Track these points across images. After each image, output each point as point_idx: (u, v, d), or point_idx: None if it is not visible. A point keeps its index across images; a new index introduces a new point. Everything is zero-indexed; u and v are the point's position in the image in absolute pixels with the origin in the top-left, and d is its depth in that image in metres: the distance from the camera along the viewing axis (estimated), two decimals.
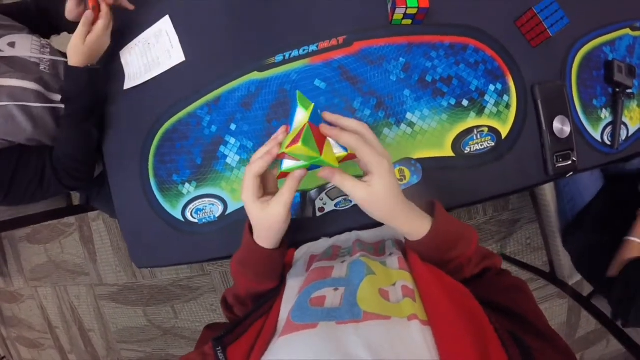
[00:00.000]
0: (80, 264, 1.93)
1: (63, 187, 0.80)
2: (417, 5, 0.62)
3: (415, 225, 0.45)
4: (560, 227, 0.97)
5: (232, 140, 0.70)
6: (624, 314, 0.76)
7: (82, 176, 0.81)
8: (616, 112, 0.67)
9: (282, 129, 0.45)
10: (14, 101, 0.73)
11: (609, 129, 0.68)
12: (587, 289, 1.01)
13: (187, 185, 0.72)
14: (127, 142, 0.78)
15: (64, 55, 0.88)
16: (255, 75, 0.69)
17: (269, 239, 0.48)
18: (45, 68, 0.81)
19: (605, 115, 0.68)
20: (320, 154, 0.40)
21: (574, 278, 1.02)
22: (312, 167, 0.45)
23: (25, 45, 0.79)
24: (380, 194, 0.41)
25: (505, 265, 1.21)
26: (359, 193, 0.41)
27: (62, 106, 0.76)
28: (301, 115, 0.43)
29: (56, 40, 0.92)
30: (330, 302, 0.36)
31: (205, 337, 0.50)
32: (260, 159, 0.44)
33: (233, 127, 0.70)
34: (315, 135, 0.41)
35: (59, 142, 0.78)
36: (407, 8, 0.62)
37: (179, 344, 1.85)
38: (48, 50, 0.84)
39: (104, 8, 0.69)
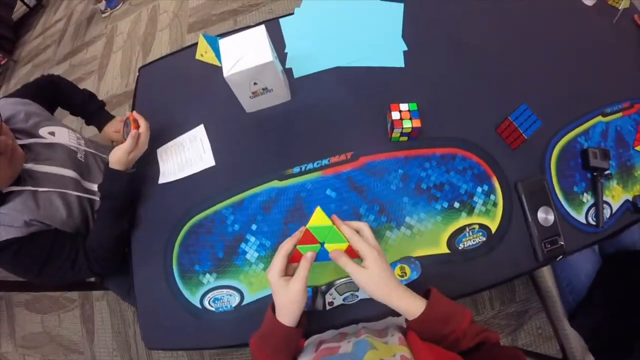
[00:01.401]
0: (76, 341, 1.86)
1: (92, 273, 0.85)
2: (411, 125, 0.76)
3: (410, 303, 0.53)
4: (565, 311, 0.98)
5: (252, 239, 0.78)
6: None
7: (111, 265, 0.86)
8: (597, 194, 0.72)
9: (301, 229, 0.58)
10: (55, 187, 0.81)
11: (592, 210, 0.74)
12: None
13: (207, 275, 0.79)
14: (156, 230, 0.85)
15: (95, 146, 1.01)
16: (276, 184, 0.81)
17: (289, 315, 0.55)
18: (81, 157, 0.92)
19: (587, 198, 0.74)
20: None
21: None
22: (320, 257, 0.59)
23: (63, 135, 0.90)
24: (374, 275, 0.53)
25: None
26: (357, 274, 0.54)
27: (95, 198, 0.84)
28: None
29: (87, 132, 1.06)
30: None
31: None
32: (289, 241, 0.57)
33: (254, 227, 0.79)
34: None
35: (94, 232, 0.84)
36: (403, 128, 0.76)
37: None
38: (82, 141, 0.96)
39: (144, 124, 0.82)
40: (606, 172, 0.74)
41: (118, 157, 0.80)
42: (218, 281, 0.78)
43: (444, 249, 0.74)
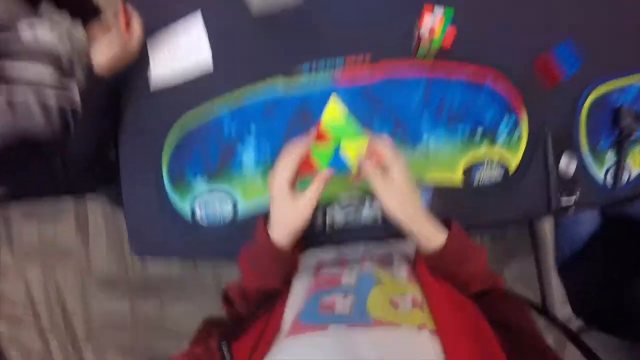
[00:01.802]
0: (72, 247, 1.89)
1: (72, 185, 0.81)
2: (440, 42, 0.66)
3: (432, 232, 0.47)
4: (558, 260, 0.98)
5: (250, 142, 0.71)
6: None
7: (91, 177, 0.81)
8: (620, 155, 0.70)
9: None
10: (32, 85, 0.73)
11: (612, 171, 0.70)
12: (575, 324, 1.02)
13: (198, 178, 0.73)
14: (145, 131, 0.78)
15: (79, 43, 0.89)
16: (281, 81, 0.71)
17: (287, 235, 0.48)
18: (62, 54, 0.81)
19: (610, 157, 0.71)
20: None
21: (563, 312, 1.03)
22: (332, 163, 0.53)
23: (44, 30, 0.79)
24: (400, 189, 0.46)
25: None
26: (381, 185, 0.47)
27: (76, 98, 0.76)
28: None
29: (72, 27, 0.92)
30: (340, 309, 0.37)
31: (205, 330, 0.50)
32: (300, 143, 0.49)
33: (253, 128, 0.71)
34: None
35: (73, 141, 0.77)
36: (433, 37, 0.65)
37: (161, 337, 1.82)
38: (65, 37, 0.84)
39: (136, 21, 0.70)
40: (633, 137, 0.70)
41: (99, 58, 0.69)
42: (210, 186, 0.73)
43: (459, 178, 0.70)
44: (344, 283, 0.42)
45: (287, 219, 0.48)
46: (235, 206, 0.72)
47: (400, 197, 0.47)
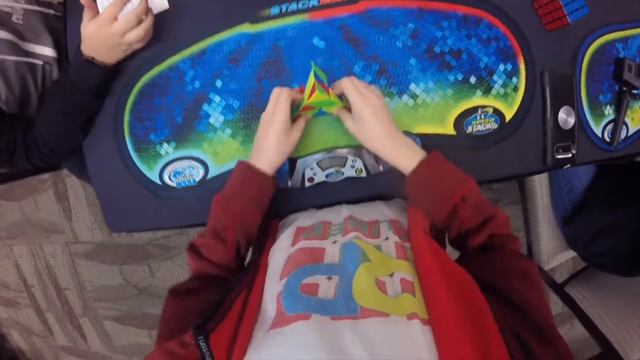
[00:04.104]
0: (55, 221, 1.86)
1: (31, 166, 0.72)
2: None
3: (409, 153, 0.50)
4: (558, 211, 0.96)
5: (217, 99, 0.63)
6: None
7: (54, 161, 0.72)
8: (620, 110, 0.66)
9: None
10: None
11: (610, 127, 0.68)
12: (558, 275, 1.03)
13: (165, 145, 0.66)
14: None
15: (42, 4, 0.77)
16: (247, 28, 0.62)
17: (273, 161, 0.53)
18: (18, 19, 0.70)
19: (609, 112, 0.67)
20: (329, 97, 0.53)
21: (550, 264, 1.04)
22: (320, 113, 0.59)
23: None
24: (366, 119, 0.50)
25: None
26: (348, 119, 0.54)
27: (37, 61, 0.66)
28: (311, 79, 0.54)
29: None
30: (324, 293, 0.34)
31: (171, 306, 0.46)
32: (293, 93, 0.54)
33: (219, 84, 0.63)
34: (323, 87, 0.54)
35: (38, 122, 0.68)
36: None
37: (155, 302, 1.84)
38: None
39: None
40: (634, 91, 0.66)
41: (100, 38, 0.56)
42: (178, 152, 0.66)
43: (450, 130, 0.64)
44: (327, 261, 0.40)
45: (283, 145, 0.53)
46: (206, 172, 0.66)
47: (369, 126, 0.50)
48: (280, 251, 0.45)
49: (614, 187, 0.87)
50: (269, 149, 0.53)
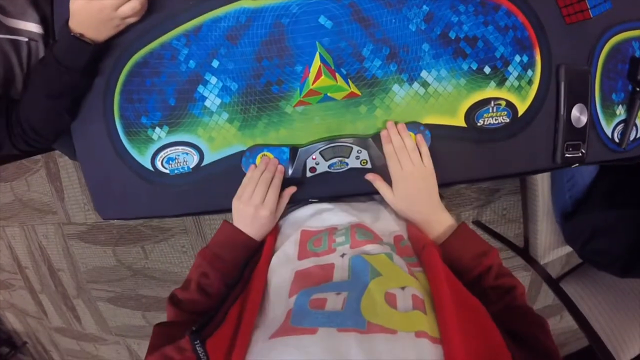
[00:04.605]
0: (48, 202, 1.84)
1: (17, 150, 0.68)
2: None
3: (439, 228, 0.52)
4: (558, 206, 0.96)
5: (213, 80, 0.59)
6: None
7: (39, 145, 0.68)
8: (631, 111, 0.64)
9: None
10: None
11: (620, 127, 0.66)
12: (551, 268, 1.05)
13: (157, 129, 0.62)
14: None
15: None
16: (247, 3, 0.57)
17: (259, 234, 0.55)
18: None
19: (620, 111, 0.65)
20: (336, 82, 0.52)
21: (546, 258, 1.05)
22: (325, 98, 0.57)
23: None
24: (402, 198, 0.54)
25: (479, 233, 1.21)
26: (386, 194, 0.56)
27: (23, 38, 0.61)
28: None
29: None
30: (332, 306, 0.34)
31: (159, 334, 0.44)
32: (277, 177, 0.57)
33: (215, 63, 0.59)
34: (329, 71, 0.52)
35: (22, 103, 0.64)
36: None
37: (149, 284, 1.84)
38: None
39: None
40: None
41: (90, 13, 0.52)
42: (171, 136, 0.62)
43: (460, 122, 0.60)
44: (336, 279, 0.39)
45: (263, 229, 0.55)
46: (201, 158, 0.63)
47: (404, 204, 0.54)
48: (287, 261, 0.44)
49: (616, 186, 0.86)
50: (254, 231, 0.55)
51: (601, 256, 0.88)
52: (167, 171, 0.64)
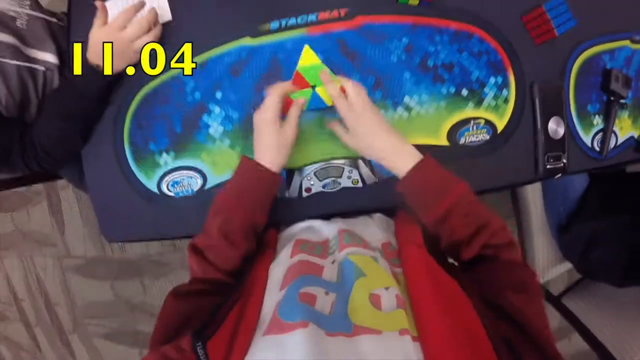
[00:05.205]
0: (48, 234, 1.83)
1: (28, 169, 0.72)
2: None
3: (404, 158, 0.51)
4: (552, 220, 0.96)
5: (217, 109, 0.65)
6: None
7: (51, 166, 0.73)
8: (608, 120, 0.68)
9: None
10: None
11: (599, 136, 0.69)
12: (554, 289, 1.04)
13: (164, 155, 0.67)
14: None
15: (46, 12, 0.79)
16: (247, 41, 0.64)
17: (277, 158, 0.53)
18: (22, 24, 0.71)
19: (598, 121, 0.69)
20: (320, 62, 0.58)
21: (545, 277, 1.04)
22: (312, 103, 0.60)
23: None
24: (360, 137, 0.53)
25: None
26: (344, 138, 0.56)
27: (40, 67, 0.66)
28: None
29: None
30: (321, 306, 0.35)
31: (171, 307, 0.46)
32: (281, 84, 0.55)
33: (219, 95, 0.64)
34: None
35: (36, 125, 0.68)
36: None
37: (147, 320, 1.80)
38: (28, 3, 0.74)
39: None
40: (622, 101, 0.68)
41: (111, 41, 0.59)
42: (177, 161, 0.67)
43: (444, 141, 0.65)
44: (325, 277, 0.41)
45: (278, 143, 0.53)
46: (205, 182, 0.67)
47: (363, 143, 0.53)
48: (280, 264, 0.44)
49: (608, 196, 0.88)
50: (266, 147, 0.53)
51: (598, 267, 0.88)
52: (173, 194, 0.67)
